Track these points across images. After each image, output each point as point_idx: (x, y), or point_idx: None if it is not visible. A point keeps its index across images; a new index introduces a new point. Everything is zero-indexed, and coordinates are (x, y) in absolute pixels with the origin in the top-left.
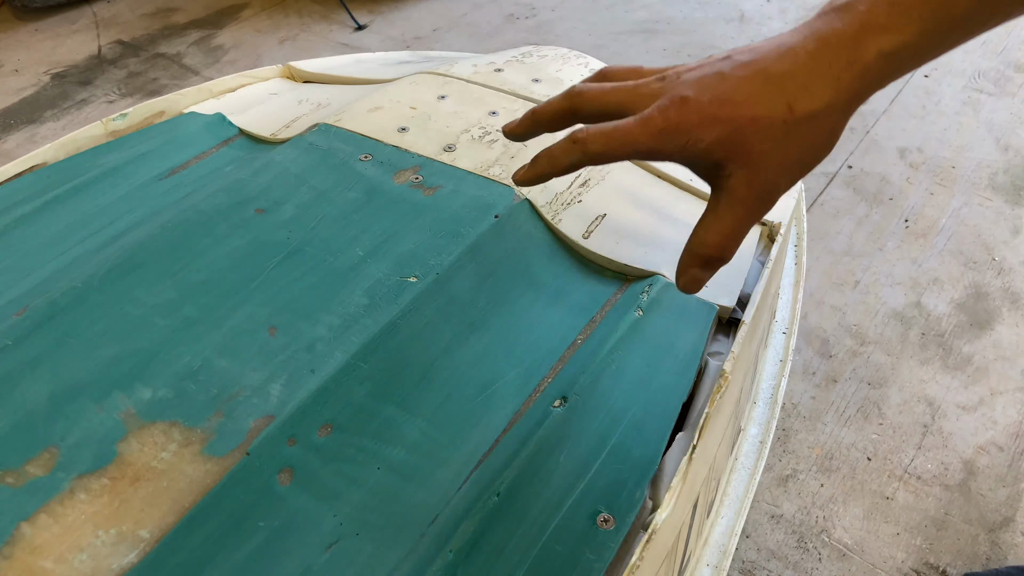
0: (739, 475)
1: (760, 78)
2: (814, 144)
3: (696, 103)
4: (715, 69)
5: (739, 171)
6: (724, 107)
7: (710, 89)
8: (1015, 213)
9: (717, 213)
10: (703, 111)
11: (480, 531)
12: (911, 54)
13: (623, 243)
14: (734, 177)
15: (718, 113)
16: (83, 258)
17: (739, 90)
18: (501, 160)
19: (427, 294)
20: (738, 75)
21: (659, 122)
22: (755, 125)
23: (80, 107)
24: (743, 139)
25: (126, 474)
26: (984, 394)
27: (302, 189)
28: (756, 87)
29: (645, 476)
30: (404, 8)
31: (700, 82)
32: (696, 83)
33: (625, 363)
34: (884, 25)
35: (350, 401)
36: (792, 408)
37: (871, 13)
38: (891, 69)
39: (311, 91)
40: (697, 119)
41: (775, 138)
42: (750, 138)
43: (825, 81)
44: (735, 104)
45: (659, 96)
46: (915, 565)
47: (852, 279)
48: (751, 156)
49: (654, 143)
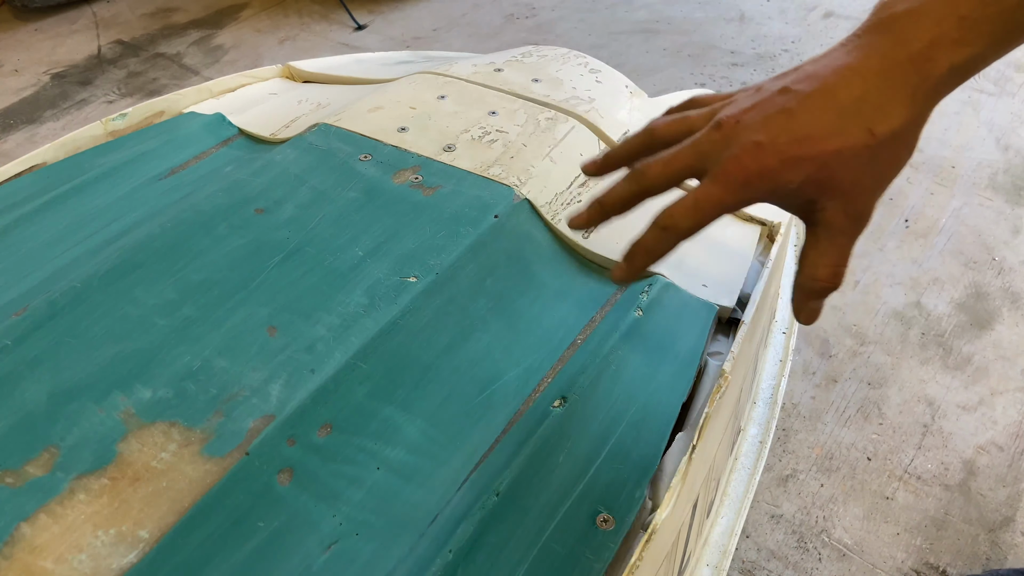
0: (739, 475)
1: (833, 108)
2: (898, 159)
3: (773, 147)
4: (778, 106)
5: (832, 202)
6: (804, 145)
7: (783, 129)
8: (1015, 213)
9: (820, 247)
10: (783, 154)
11: (480, 531)
12: (979, 64)
13: (623, 243)
14: (829, 210)
15: (800, 153)
16: (83, 258)
17: (814, 124)
18: (501, 160)
19: (427, 294)
20: (808, 109)
21: (739, 176)
22: (840, 157)
23: (80, 107)
24: (831, 173)
25: (126, 474)
26: (984, 394)
27: (302, 189)
28: (832, 118)
29: (645, 476)
30: (404, 8)
31: (768, 123)
32: (763, 125)
33: (625, 363)
34: (955, 40)
35: (350, 401)
36: (792, 408)
37: (940, 28)
38: (960, 79)
39: (311, 91)
40: (778, 163)
41: (862, 164)
42: (838, 171)
43: (901, 100)
44: (815, 140)
45: (723, 147)
46: (915, 565)
47: (852, 279)
48: (843, 187)
49: (740, 196)
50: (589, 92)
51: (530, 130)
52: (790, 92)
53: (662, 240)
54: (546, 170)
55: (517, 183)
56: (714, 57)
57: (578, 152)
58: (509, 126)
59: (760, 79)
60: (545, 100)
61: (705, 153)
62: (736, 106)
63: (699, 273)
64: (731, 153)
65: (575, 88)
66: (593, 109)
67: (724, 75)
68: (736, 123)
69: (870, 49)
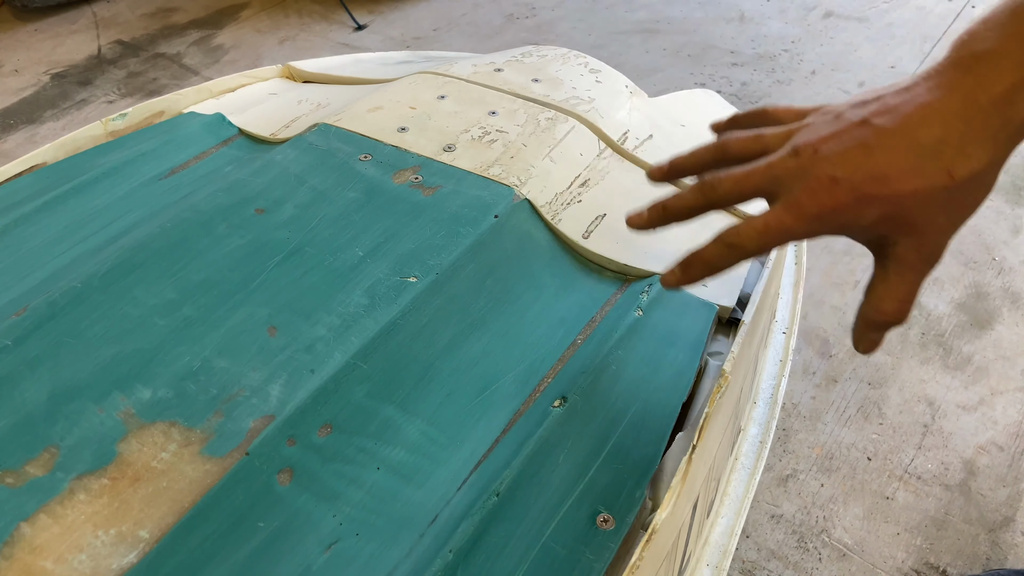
0: (739, 475)
1: (913, 149)
2: (976, 200)
3: (849, 183)
4: (856, 139)
5: (905, 239)
6: (881, 185)
7: (860, 167)
8: (1015, 213)
9: (889, 282)
10: (858, 191)
11: (480, 531)
12: None
13: (623, 243)
14: (901, 246)
15: (876, 192)
16: (83, 258)
17: (893, 164)
18: (501, 160)
19: (427, 294)
20: (887, 146)
21: (812, 209)
22: (916, 197)
23: (80, 107)
24: (906, 213)
25: (126, 474)
26: (984, 394)
27: (302, 189)
28: (911, 159)
29: (645, 476)
30: (404, 8)
31: (845, 157)
32: (841, 159)
33: (625, 363)
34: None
35: (350, 401)
36: (792, 408)
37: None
38: None
39: (311, 91)
40: (852, 200)
41: (938, 205)
42: (914, 211)
43: (983, 144)
44: (892, 180)
45: (799, 176)
46: (915, 565)
47: (852, 279)
48: (917, 226)
49: (811, 228)
50: (589, 92)
51: (530, 130)
52: (870, 126)
53: (724, 257)
54: (546, 170)
55: (517, 183)
56: (714, 57)
57: (578, 152)
58: (509, 126)
59: (760, 79)
60: (545, 100)
61: (779, 178)
62: (814, 133)
63: None
64: (806, 184)
65: (575, 88)
66: (593, 109)
67: (724, 75)
68: (814, 152)
69: (951, 88)
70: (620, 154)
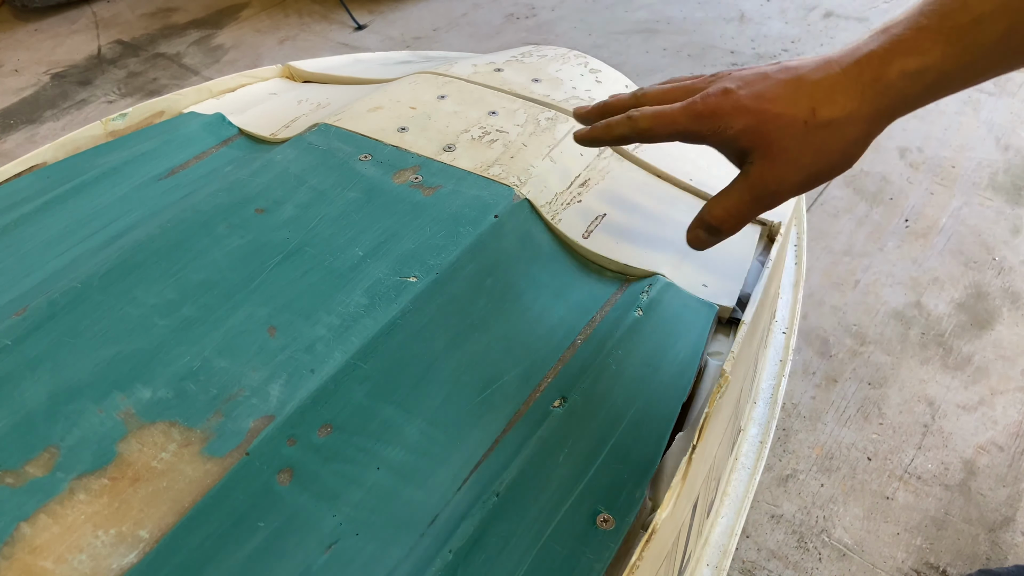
0: (739, 475)
1: (794, 82)
2: (830, 150)
3: (735, 95)
4: (762, 72)
5: (759, 160)
6: (756, 101)
7: (749, 85)
8: (1015, 213)
9: (729, 192)
10: (738, 102)
11: (480, 531)
12: (936, 77)
13: (623, 243)
14: (754, 165)
15: (749, 105)
16: (83, 258)
17: (773, 89)
18: (501, 160)
19: (427, 294)
20: (778, 78)
21: (700, 107)
22: (778, 121)
23: (80, 107)
24: (767, 131)
25: (126, 474)
26: (984, 394)
27: (302, 189)
28: (788, 89)
29: (645, 476)
30: (404, 8)
31: (744, 79)
32: (740, 79)
33: (625, 363)
34: (909, 47)
35: (350, 401)
36: (792, 408)
37: (900, 36)
38: (917, 90)
39: (311, 91)
40: (731, 108)
41: (794, 136)
42: (773, 132)
43: (849, 93)
44: (766, 100)
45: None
46: (915, 565)
47: (852, 279)
48: (771, 149)
49: (692, 125)
50: (589, 92)
51: (530, 130)
52: (779, 65)
53: (621, 124)
54: (546, 170)
55: (517, 183)
56: (714, 57)
57: (578, 152)
58: (509, 126)
59: None
60: (545, 100)
61: (696, 88)
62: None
63: (699, 273)
64: (706, 91)
65: (575, 88)
66: None
67: None
68: (728, 75)
69: (851, 49)
70: (620, 154)
